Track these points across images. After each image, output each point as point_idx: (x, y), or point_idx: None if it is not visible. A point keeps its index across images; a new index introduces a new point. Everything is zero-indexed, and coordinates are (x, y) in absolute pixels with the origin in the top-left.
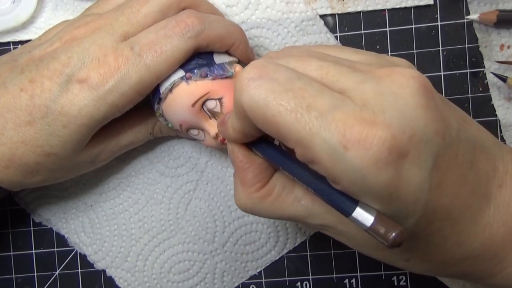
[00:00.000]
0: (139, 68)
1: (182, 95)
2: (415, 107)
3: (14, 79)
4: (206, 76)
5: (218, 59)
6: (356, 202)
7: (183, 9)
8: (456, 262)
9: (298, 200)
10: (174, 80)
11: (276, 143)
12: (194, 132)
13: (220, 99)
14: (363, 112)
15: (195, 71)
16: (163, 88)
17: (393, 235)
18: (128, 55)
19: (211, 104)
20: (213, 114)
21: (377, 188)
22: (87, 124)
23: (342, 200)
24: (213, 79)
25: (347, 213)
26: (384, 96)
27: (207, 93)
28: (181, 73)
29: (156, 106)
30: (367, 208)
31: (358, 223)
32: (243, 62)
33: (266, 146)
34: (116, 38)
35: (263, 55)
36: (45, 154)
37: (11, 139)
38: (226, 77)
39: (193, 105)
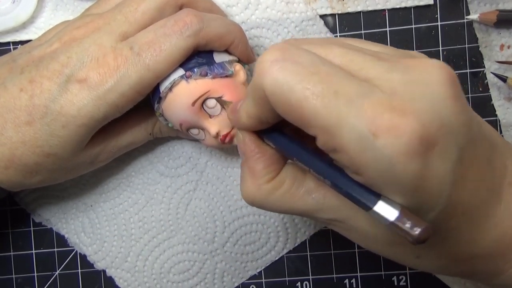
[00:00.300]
0: (138, 67)
1: (182, 94)
2: (444, 97)
3: (13, 79)
4: (206, 75)
5: (218, 58)
6: (378, 196)
7: (181, 7)
8: (466, 259)
9: (309, 194)
10: (174, 79)
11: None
12: (194, 131)
13: (220, 98)
14: (392, 100)
15: (195, 69)
16: (163, 87)
17: (419, 231)
18: (128, 55)
19: (211, 103)
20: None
21: (405, 178)
22: (86, 124)
23: (363, 193)
24: (213, 77)
25: (368, 207)
26: (413, 85)
27: (207, 91)
28: (181, 72)
29: (156, 105)
30: (390, 202)
31: (380, 218)
32: (243, 61)
33: (279, 135)
34: (115, 37)
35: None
36: (45, 155)
37: (10, 139)
38: (226, 76)
39: (193, 103)
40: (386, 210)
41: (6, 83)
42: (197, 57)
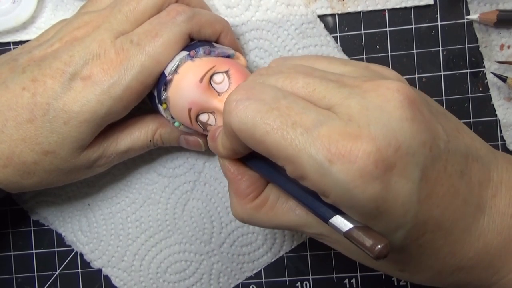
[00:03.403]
0: (139, 56)
1: (189, 73)
2: (400, 120)
3: (15, 78)
4: (209, 53)
5: (218, 45)
6: (339, 212)
7: None
8: (451, 272)
9: (293, 210)
10: (180, 59)
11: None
12: (203, 117)
13: (227, 72)
14: (348, 126)
15: (199, 49)
16: (168, 70)
17: (379, 247)
18: (128, 47)
19: (218, 78)
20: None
21: (364, 201)
22: (88, 119)
23: (322, 207)
24: (217, 56)
25: (326, 219)
26: (369, 110)
27: (213, 66)
28: (185, 53)
29: (162, 95)
30: (347, 217)
31: (336, 229)
32: None
33: (256, 160)
34: (115, 34)
35: (253, 72)
36: (43, 152)
37: (10, 137)
38: (228, 56)
39: (201, 80)
40: (342, 222)
41: (8, 82)
42: (199, 43)
